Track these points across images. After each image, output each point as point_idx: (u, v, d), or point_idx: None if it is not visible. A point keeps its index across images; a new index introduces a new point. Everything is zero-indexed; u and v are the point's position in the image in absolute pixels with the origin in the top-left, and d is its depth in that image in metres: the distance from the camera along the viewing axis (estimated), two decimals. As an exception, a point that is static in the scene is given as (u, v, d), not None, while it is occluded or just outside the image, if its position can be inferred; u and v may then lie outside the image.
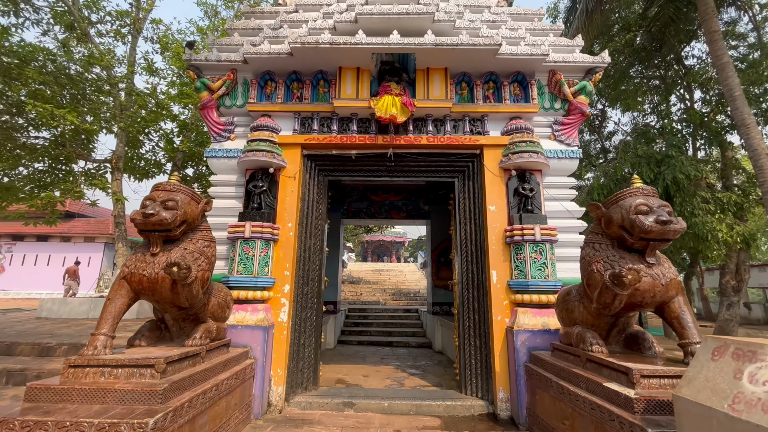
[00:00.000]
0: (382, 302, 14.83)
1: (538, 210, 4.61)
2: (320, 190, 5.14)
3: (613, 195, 3.11)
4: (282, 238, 4.63)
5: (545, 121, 5.07)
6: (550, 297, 4.20)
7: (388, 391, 4.77)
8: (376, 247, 38.55)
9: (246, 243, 4.43)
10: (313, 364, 4.68)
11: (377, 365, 6.70)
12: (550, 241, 4.36)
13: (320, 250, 4.98)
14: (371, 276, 19.76)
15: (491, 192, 4.73)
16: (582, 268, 3.21)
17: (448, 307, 9.24)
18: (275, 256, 4.58)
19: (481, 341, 4.55)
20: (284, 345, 4.34)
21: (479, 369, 4.49)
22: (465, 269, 4.82)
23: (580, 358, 3.14)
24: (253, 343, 4.10)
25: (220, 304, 3.54)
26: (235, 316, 4.20)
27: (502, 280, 4.45)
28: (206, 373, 3.06)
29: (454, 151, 4.96)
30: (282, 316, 4.42)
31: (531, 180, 4.70)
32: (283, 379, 4.28)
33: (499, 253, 4.54)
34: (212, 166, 5.06)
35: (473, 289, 4.71)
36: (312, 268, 4.86)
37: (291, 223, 4.68)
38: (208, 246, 3.26)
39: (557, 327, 4.05)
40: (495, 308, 4.39)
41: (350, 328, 10.61)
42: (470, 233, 4.87)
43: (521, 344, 4.03)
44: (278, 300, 4.46)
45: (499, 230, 4.60)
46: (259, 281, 4.33)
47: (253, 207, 4.64)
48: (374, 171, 5.18)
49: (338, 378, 5.62)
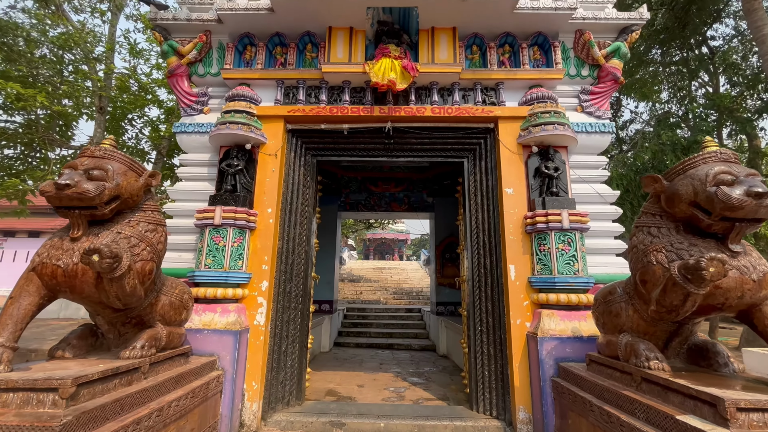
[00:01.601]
0: (383, 301, 14.13)
1: (564, 193, 3.88)
2: (307, 172, 4.43)
3: (678, 163, 2.37)
4: (260, 227, 3.93)
5: (570, 91, 4.32)
6: (581, 296, 3.47)
7: (386, 406, 4.06)
8: (379, 245, 37.87)
9: (216, 231, 3.73)
10: (297, 375, 3.97)
11: (375, 372, 5.99)
12: (580, 230, 3.63)
13: (307, 241, 4.27)
14: (372, 274, 19.06)
15: (508, 172, 4.00)
16: (634, 259, 2.47)
17: (454, 307, 8.52)
18: (252, 247, 3.87)
19: (495, 349, 3.82)
20: (261, 352, 3.64)
21: (494, 382, 3.77)
22: (476, 264, 4.09)
23: (632, 376, 2.41)
24: (222, 350, 3.40)
25: (174, 305, 2.84)
26: (201, 319, 3.50)
27: (521, 277, 3.73)
28: (146, 393, 2.36)
29: (463, 124, 4.22)
30: (259, 318, 3.71)
31: (555, 158, 3.96)
32: (259, 394, 3.58)
33: (517, 245, 3.81)
34: (182, 144, 4.36)
35: (486, 287, 3.98)
36: (297, 262, 4.15)
37: (271, 208, 3.97)
38: (153, 230, 2.55)
39: (591, 334, 3.32)
40: (513, 310, 3.66)
41: (348, 329, 9.91)
42: (483, 221, 4.14)
43: (547, 354, 3.30)
44: (254, 299, 3.76)
45: (518, 217, 3.87)
46: (231, 276, 3.63)
47: (226, 189, 3.93)
48: (370, 150, 4.46)
49: (329, 389, 4.92)
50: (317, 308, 8.57)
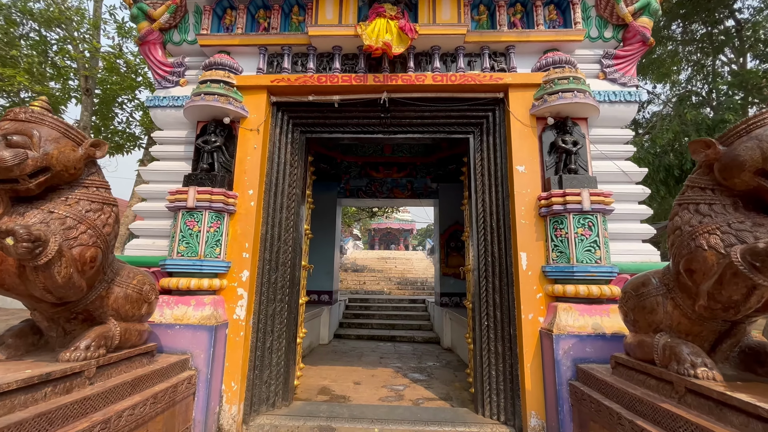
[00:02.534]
0: (386, 292, 13.79)
1: (584, 171, 3.40)
2: (295, 150, 3.99)
3: (740, 123, 1.89)
4: (240, 210, 3.52)
5: (591, 56, 3.80)
6: (603, 288, 3.02)
7: (382, 408, 3.68)
8: (384, 235, 37.53)
9: (190, 215, 3.33)
10: (283, 374, 3.60)
11: (374, 367, 5.63)
12: (602, 212, 3.16)
13: (295, 226, 3.86)
14: (376, 264, 18.72)
15: (519, 148, 3.53)
16: (677, 244, 2.02)
17: (459, 299, 8.11)
18: (231, 232, 3.47)
19: (504, 347, 3.41)
20: (241, 349, 3.27)
21: (502, 383, 3.36)
22: (483, 252, 3.65)
23: (674, 386, 1.97)
24: (195, 348, 3.03)
25: (131, 297, 2.45)
26: (173, 312, 3.13)
27: (534, 266, 3.28)
28: (89, 403, 1.99)
29: (469, 94, 3.74)
30: (239, 311, 3.33)
31: (574, 131, 3.47)
32: (239, 395, 3.22)
33: (530, 229, 3.36)
34: (156, 119, 3.94)
35: (494, 277, 3.54)
36: (283, 250, 3.75)
37: (253, 189, 3.55)
38: (97, 210, 2.15)
39: (616, 331, 2.88)
40: (525, 303, 3.23)
41: (350, 320, 9.59)
42: (491, 204, 3.68)
43: (564, 354, 2.87)
44: (234, 291, 3.37)
45: (531, 198, 3.41)
46: (207, 265, 3.24)
47: (202, 168, 3.52)
48: (364, 125, 4.00)
49: (323, 386, 4.56)
50: (316, 299, 8.24)
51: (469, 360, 4.47)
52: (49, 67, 8.08)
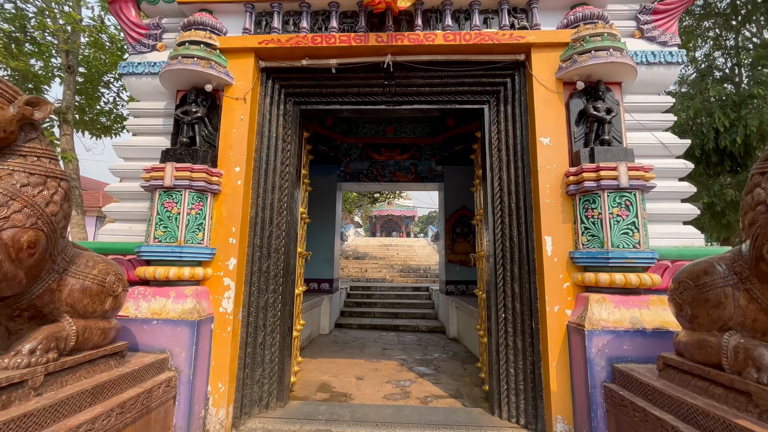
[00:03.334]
0: (388, 279, 13.48)
1: (618, 142, 2.97)
2: (288, 124, 3.55)
3: None
4: (226, 190, 3.11)
5: (626, 11, 3.32)
6: (642, 276, 2.62)
7: (387, 409, 3.34)
8: (385, 222, 37.24)
9: (167, 195, 2.92)
10: (278, 371, 3.25)
11: (377, 359, 5.31)
12: (642, 189, 2.74)
13: (289, 209, 3.45)
14: (378, 251, 18.39)
15: (543, 117, 3.08)
16: (762, 221, 1.61)
17: (465, 287, 7.76)
18: (215, 215, 3.07)
19: (524, 342, 3.03)
20: (229, 346, 2.90)
21: (522, 383, 3.00)
22: (500, 236, 3.25)
23: (751, 398, 1.59)
24: (175, 346, 2.66)
25: (90, 290, 2.06)
26: (150, 306, 2.76)
27: (560, 251, 2.88)
28: (33, 419, 1.62)
29: (485, 57, 3.27)
30: (225, 304, 2.96)
31: (607, 97, 3.02)
32: (227, 397, 2.87)
33: (555, 210, 2.94)
34: (131, 89, 3.50)
35: (513, 264, 3.15)
36: (276, 235, 3.35)
37: (240, 167, 3.14)
38: (39, 185, 1.75)
39: (657, 326, 2.50)
40: (550, 293, 2.84)
41: (351, 309, 9.28)
42: (509, 182, 3.26)
43: (597, 352, 2.49)
44: (219, 281, 2.99)
45: (557, 174, 2.98)
46: (187, 252, 2.85)
47: (181, 142, 3.09)
48: (365, 95, 3.55)
49: (323, 382, 4.23)
50: (315, 288, 7.90)
51: (480, 353, 4.12)
52: (30, 44, 7.57)
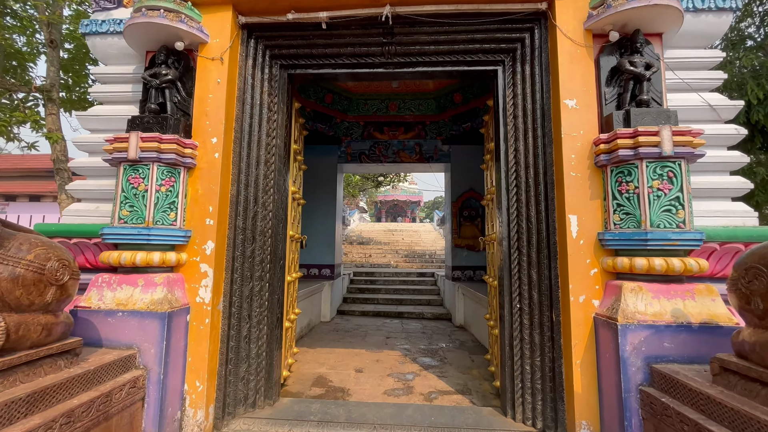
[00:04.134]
0: (393, 265, 13.17)
1: (657, 104, 2.51)
2: (274, 90, 3.13)
3: None
4: (202, 164, 2.73)
5: (667, -51, 2.81)
6: (687, 262, 2.21)
7: (387, 409, 3.02)
8: (391, 208, 36.89)
9: (133, 169, 2.55)
10: (265, 366, 2.93)
11: (379, 349, 5.00)
12: (688, 157, 2.30)
13: (276, 186, 3.07)
14: (382, 236, 18.07)
15: (569, 76, 2.63)
16: None
17: (472, 272, 7.39)
18: (190, 192, 2.70)
19: (543, 336, 2.66)
20: (207, 340, 2.57)
21: (539, 381, 2.64)
22: (515, 216, 2.84)
23: None
24: (144, 341, 2.33)
25: (23, 279, 1.72)
26: (115, 296, 2.42)
27: (587, 232, 2.48)
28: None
29: (499, 6, 2.80)
30: (203, 293, 2.61)
31: (645, 50, 2.55)
32: (207, 397, 2.55)
33: (581, 185, 2.52)
34: (95, 51, 3.10)
35: (530, 248, 2.75)
36: (262, 216, 2.98)
37: (217, 137, 2.74)
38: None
39: (705, 320, 2.10)
40: (574, 281, 2.45)
41: (354, 296, 9.00)
42: (525, 154, 2.83)
43: (632, 350, 2.11)
44: (195, 267, 2.64)
45: (584, 143, 2.55)
46: (156, 235, 2.49)
47: (149, 109, 2.70)
48: (361, 56, 3.11)
49: (319, 375, 3.92)
50: (316, 273, 7.59)
51: (490, 345, 3.78)
52: (11, 17, 7.14)
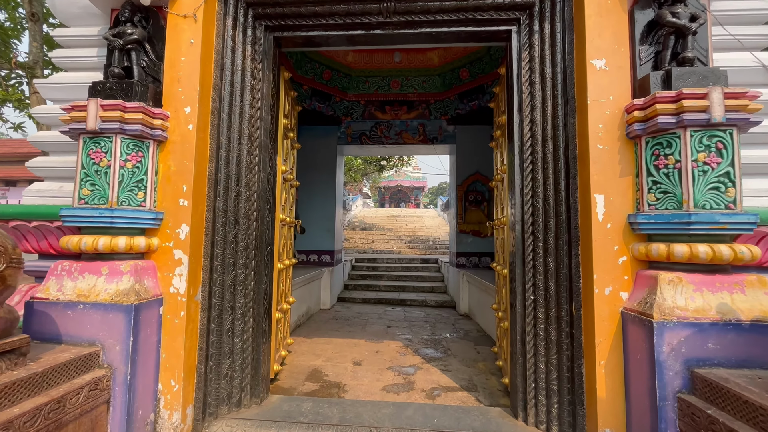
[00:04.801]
0: (396, 251, 12.91)
1: (702, 63, 2.14)
2: (258, 55, 2.77)
3: None
4: (174, 137, 2.40)
5: None
6: (737, 249, 1.87)
7: (385, 408, 2.75)
8: (394, 193, 36.58)
9: (94, 142, 2.24)
10: (252, 362, 2.67)
11: (379, 339, 4.76)
12: (741, 125, 1.94)
13: (262, 163, 2.74)
14: (385, 222, 17.77)
15: (597, 32, 2.24)
16: None
17: (478, 259, 7.10)
18: (161, 170, 2.39)
19: (560, 332, 2.36)
20: (183, 335, 2.30)
21: (555, 382, 2.36)
22: (530, 196, 2.51)
23: None
24: (108, 337, 2.06)
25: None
26: (76, 285, 2.14)
27: (615, 214, 2.14)
28: None
29: (517, -50, 2.40)
30: (177, 282, 2.33)
31: (689, 0, 2.16)
32: (184, 397, 2.30)
33: (610, 159, 2.17)
34: (56, 10, 2.74)
35: (548, 232, 2.42)
36: (246, 197, 2.67)
37: (190, 106, 2.41)
38: None
39: (758, 317, 1.78)
40: (599, 270, 2.13)
41: (356, 282, 8.77)
42: (543, 125, 2.48)
43: (670, 352, 1.80)
44: (168, 253, 2.35)
45: (614, 110, 2.18)
46: (121, 217, 2.19)
47: (112, 74, 2.36)
48: (358, 15, 2.73)
49: (314, 368, 3.68)
50: (315, 260, 7.33)
51: (497, 338, 3.50)
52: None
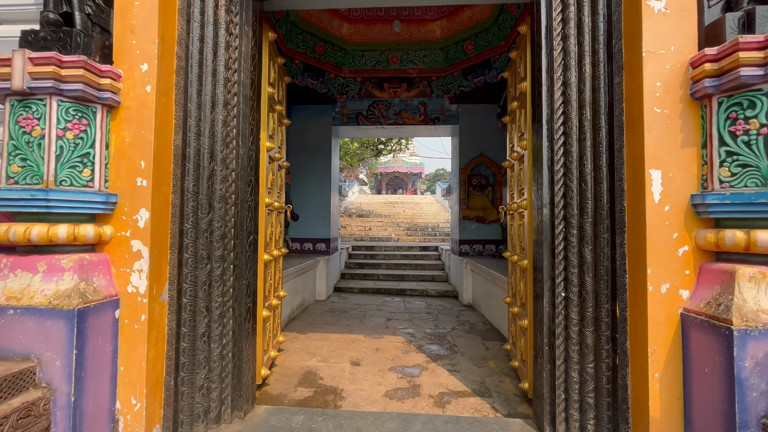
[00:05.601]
0: (394, 238, 12.54)
1: (788, 5, 1.70)
2: (234, 6, 2.29)
3: None
4: (129, 102, 1.94)
5: None
6: (837, 236, 1.49)
7: (389, 421, 2.39)
8: (391, 180, 36.10)
9: (23, 106, 1.78)
10: (233, 371, 2.28)
11: (380, 334, 4.40)
12: None
13: (241, 136, 2.30)
14: (383, 209, 17.36)
15: (653, -34, 1.80)
16: None
17: (481, 246, 6.73)
18: (114, 141, 1.94)
19: (598, 336, 1.98)
20: (144, 342, 1.89)
21: (592, 395, 1.99)
22: (562, 174, 2.09)
23: None
24: (46, 349, 1.65)
25: None
26: (6, 285, 1.72)
27: (675, 194, 1.73)
28: None
29: None
30: (136, 280, 1.91)
31: None
32: (147, 416, 1.91)
33: (670, 125, 1.75)
34: (-17, -53, 2.24)
35: (584, 217, 2.02)
36: (222, 176, 2.23)
37: (147, 63, 1.94)
38: None
39: None
40: (654, 262, 1.73)
41: (353, 271, 8.41)
42: (580, 86, 2.04)
43: (753, 367, 1.43)
44: (125, 245, 1.92)
45: (675, 65, 1.75)
46: (59, 200, 1.75)
47: (48, 20, 1.89)
48: (354, -45, 2.25)
49: (307, 369, 3.31)
50: (310, 248, 6.92)
51: (511, 335, 3.15)
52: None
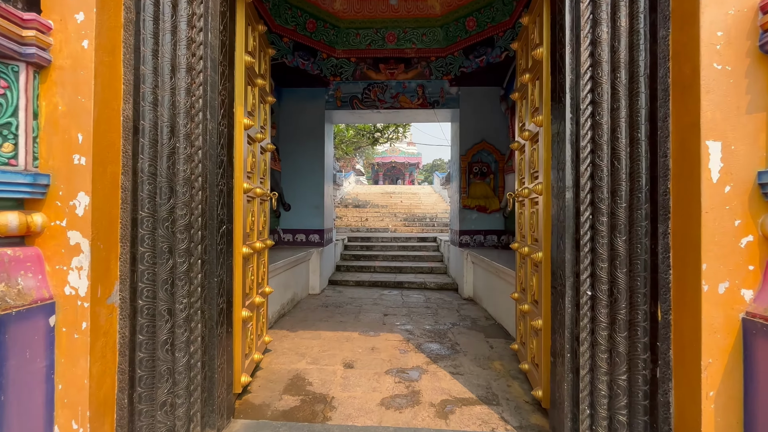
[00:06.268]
0: (391, 229, 12.23)
1: None
2: (200, -51, 1.91)
3: None
4: (62, 61, 1.58)
5: None
6: None
7: (385, 436, 2.09)
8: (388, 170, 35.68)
9: None
10: (202, 383, 1.96)
11: (375, 332, 4.10)
12: None
13: (209, 107, 1.93)
14: (380, 199, 17.01)
15: None
16: None
17: (483, 237, 6.41)
18: (44, 109, 1.58)
19: (633, 343, 1.67)
20: (87, 355, 1.56)
21: (625, 412, 1.68)
22: (590, 151, 1.75)
23: None
24: (-48, 368, 1.32)
25: None
26: None
27: (737, 171, 1.40)
28: None
29: None
30: (74, 279, 1.57)
31: None
32: (96, 442, 1.59)
33: (732, 86, 1.41)
34: None
35: (617, 202, 1.69)
36: (185, 154, 1.87)
37: (83, 12, 1.57)
38: None
39: None
40: (709, 256, 1.41)
41: (348, 263, 8.10)
42: (614, 45, 1.69)
43: None
44: (60, 236, 1.57)
45: (740, 11, 1.40)
46: (-29, 180, 1.40)
47: (-47, -44, 1.51)
48: None
49: (296, 373, 3.00)
50: (303, 240, 6.58)
51: (519, 334, 2.85)
52: None
